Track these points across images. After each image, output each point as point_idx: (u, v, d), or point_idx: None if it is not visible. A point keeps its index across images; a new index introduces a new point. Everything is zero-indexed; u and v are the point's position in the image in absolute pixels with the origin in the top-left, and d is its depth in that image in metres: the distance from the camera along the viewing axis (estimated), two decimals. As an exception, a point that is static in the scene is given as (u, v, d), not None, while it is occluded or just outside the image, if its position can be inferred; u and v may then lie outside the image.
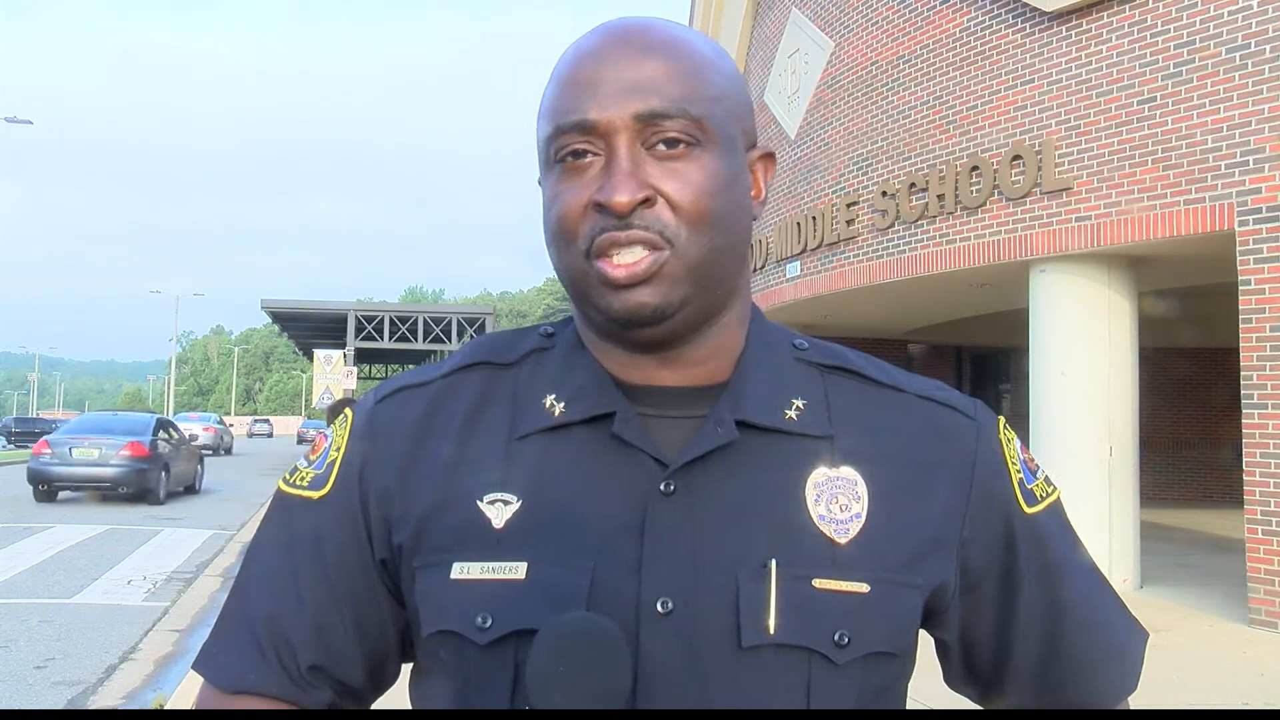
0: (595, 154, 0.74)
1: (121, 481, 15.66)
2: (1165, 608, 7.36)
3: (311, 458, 0.86)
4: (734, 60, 0.86)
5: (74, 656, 6.19)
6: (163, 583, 8.80)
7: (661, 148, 0.74)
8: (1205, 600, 7.65)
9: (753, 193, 0.81)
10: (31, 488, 15.67)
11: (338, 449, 0.84)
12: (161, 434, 16.84)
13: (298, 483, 0.84)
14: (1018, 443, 0.87)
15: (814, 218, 11.53)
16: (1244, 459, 6.88)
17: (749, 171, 0.81)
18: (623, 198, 0.72)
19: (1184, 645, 6.21)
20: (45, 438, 16.65)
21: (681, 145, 0.74)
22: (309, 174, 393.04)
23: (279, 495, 0.86)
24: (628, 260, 0.73)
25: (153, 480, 15.96)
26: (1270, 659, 6.00)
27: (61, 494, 16.22)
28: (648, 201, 0.73)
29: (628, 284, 0.73)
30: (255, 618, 0.81)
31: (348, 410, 0.87)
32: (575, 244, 0.75)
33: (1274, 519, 6.65)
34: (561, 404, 0.79)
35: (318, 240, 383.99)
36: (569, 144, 0.75)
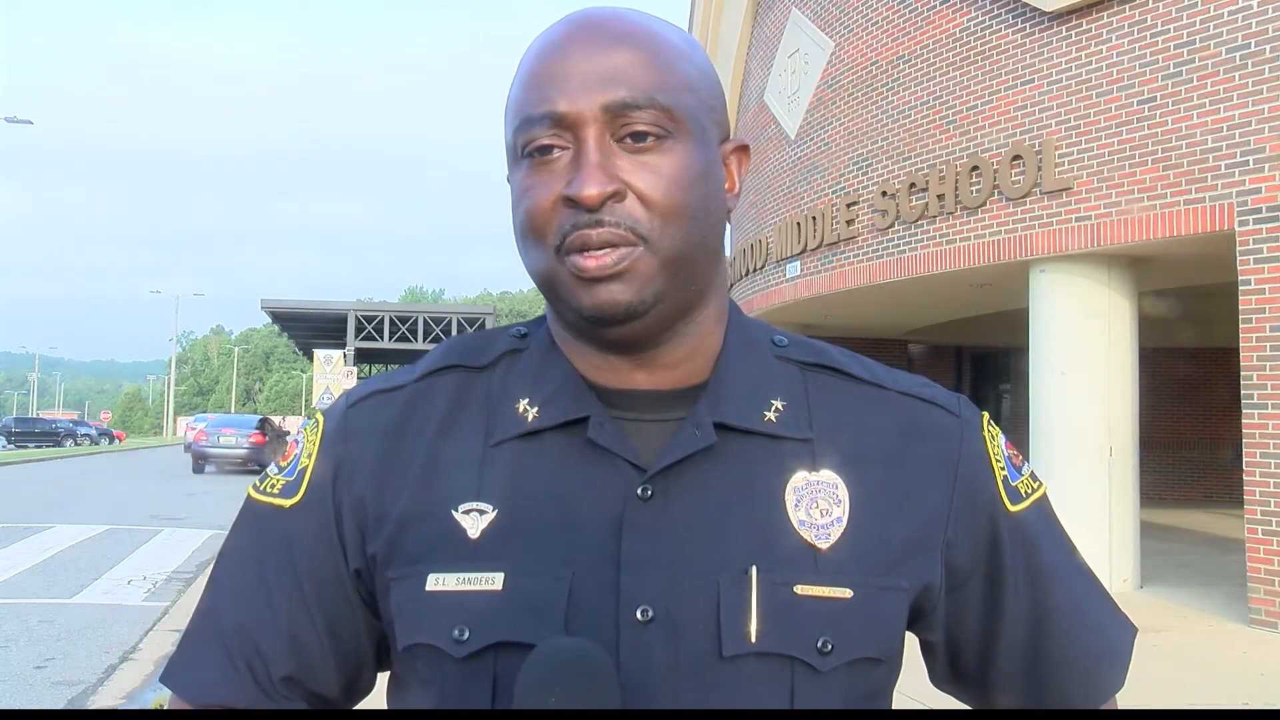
0: (563, 148, 0.72)
1: (249, 458, 23.81)
2: (1165, 608, 7.35)
3: (282, 464, 0.83)
4: (706, 52, 0.83)
5: (74, 656, 6.18)
6: (163, 583, 8.79)
7: (630, 140, 0.71)
8: (1205, 600, 7.64)
9: (726, 186, 0.79)
10: (191, 460, 24.77)
11: (309, 455, 0.81)
12: (267, 427, 25.33)
13: (268, 490, 0.81)
14: (1002, 439, 0.85)
15: (814, 218, 11.53)
16: (1244, 459, 6.87)
17: (722, 164, 0.78)
18: (592, 190, 0.69)
19: (1184, 645, 6.20)
20: (199, 429, 25.96)
21: (651, 138, 0.71)
22: (309, 174, 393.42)
23: (248, 503, 0.83)
24: (598, 254, 0.71)
25: (267, 459, 23.00)
26: (1270, 659, 5.99)
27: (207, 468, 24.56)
28: (617, 195, 0.70)
29: (598, 277, 0.71)
30: (225, 629, 0.78)
31: (318, 415, 0.84)
32: (545, 240, 0.72)
33: (1274, 519, 6.64)
34: (535, 409, 0.77)
35: (318, 240, 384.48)
36: (536, 138, 0.72)
